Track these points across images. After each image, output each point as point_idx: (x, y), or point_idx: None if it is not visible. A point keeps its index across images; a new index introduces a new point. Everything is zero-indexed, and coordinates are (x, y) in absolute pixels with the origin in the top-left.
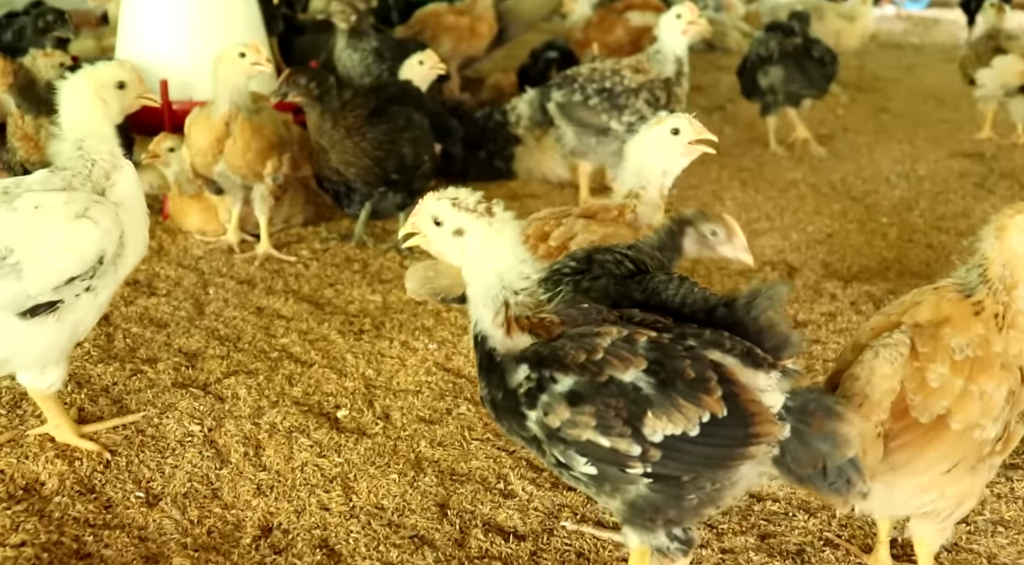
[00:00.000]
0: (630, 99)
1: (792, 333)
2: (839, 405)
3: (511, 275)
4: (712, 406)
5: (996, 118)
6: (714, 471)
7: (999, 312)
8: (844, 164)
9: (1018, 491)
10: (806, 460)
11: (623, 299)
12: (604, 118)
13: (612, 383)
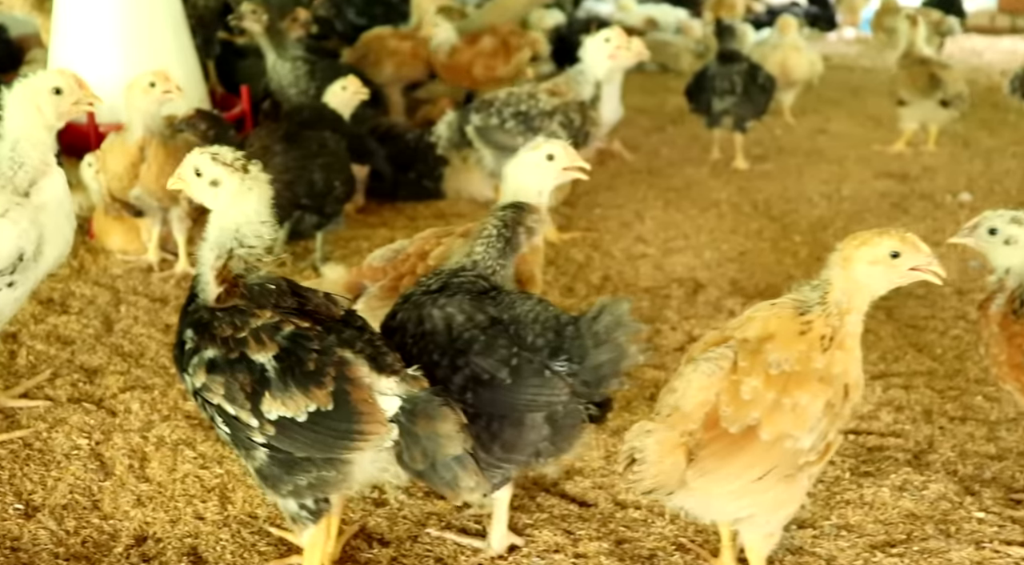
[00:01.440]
0: (544, 122)
1: (630, 347)
2: (444, 407)
3: (247, 229)
4: (320, 399)
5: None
6: (324, 456)
7: (827, 334)
8: (771, 184)
9: (867, 497)
10: (418, 457)
11: (477, 313)
12: (520, 141)
13: (243, 360)
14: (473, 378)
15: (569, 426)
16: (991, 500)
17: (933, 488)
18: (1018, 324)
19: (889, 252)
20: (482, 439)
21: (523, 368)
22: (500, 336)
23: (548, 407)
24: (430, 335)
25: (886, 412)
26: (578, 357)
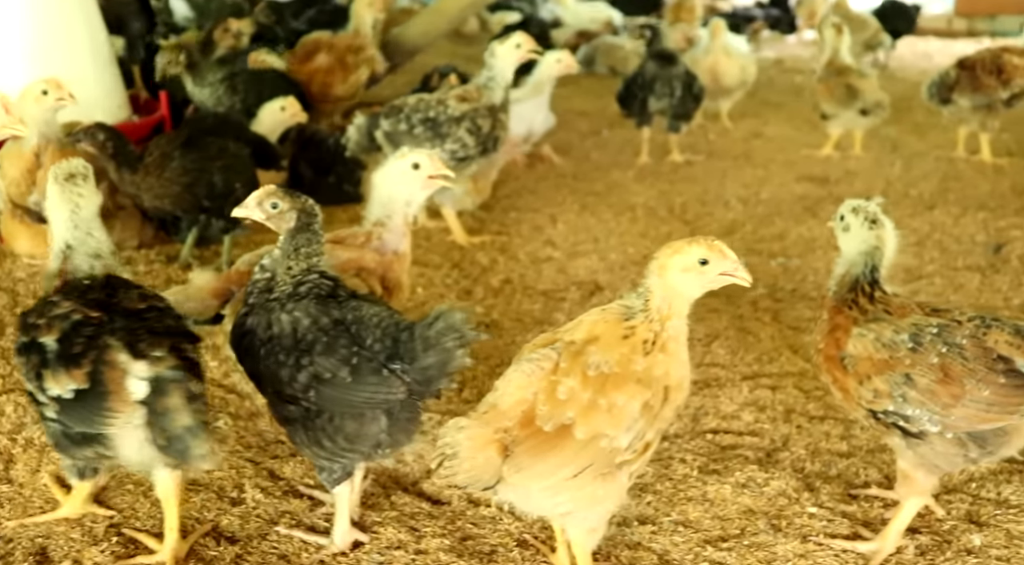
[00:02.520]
0: (452, 128)
1: (457, 352)
2: (173, 382)
3: (77, 233)
4: (78, 379)
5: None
6: (91, 431)
7: (649, 338)
8: (692, 188)
9: (709, 494)
10: (159, 433)
11: (322, 316)
12: (428, 147)
13: (34, 344)
14: (316, 376)
15: (406, 420)
16: (828, 496)
17: (774, 485)
18: (842, 315)
19: (698, 259)
20: (326, 432)
21: (362, 367)
22: (342, 337)
23: (386, 404)
24: (277, 338)
25: (748, 412)
26: (409, 359)
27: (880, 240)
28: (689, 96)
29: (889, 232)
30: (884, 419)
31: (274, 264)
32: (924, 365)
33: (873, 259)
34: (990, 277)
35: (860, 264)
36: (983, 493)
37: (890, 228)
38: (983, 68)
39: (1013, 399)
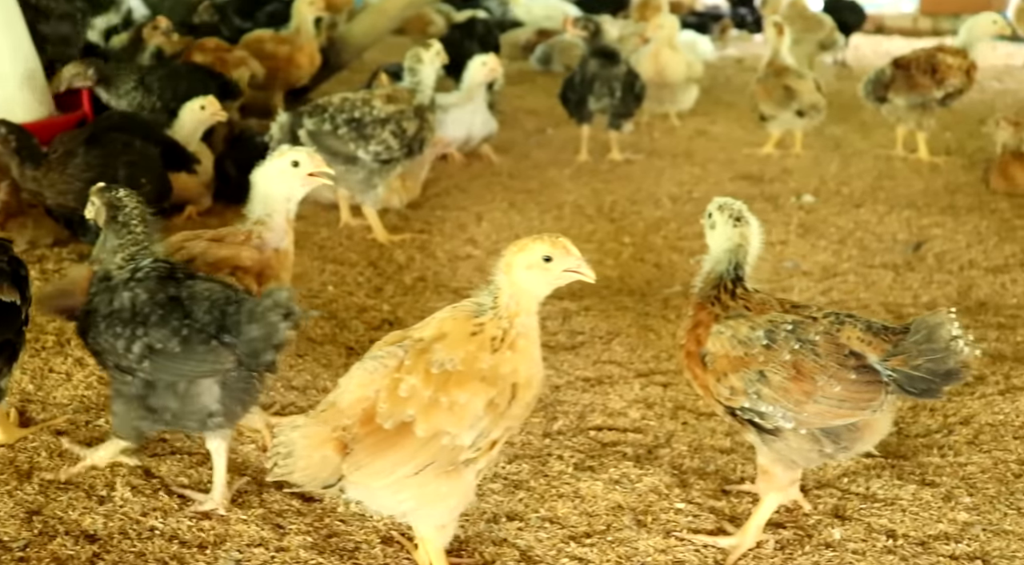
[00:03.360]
0: (376, 129)
1: (280, 325)
2: None
3: None
4: None
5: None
6: None
7: (497, 336)
8: (626, 187)
9: (581, 491)
10: None
11: (159, 292)
12: (352, 147)
13: None
14: (149, 347)
15: (240, 391)
16: (699, 492)
17: (647, 481)
18: (705, 312)
19: (542, 256)
20: (162, 400)
21: (192, 339)
22: (175, 311)
23: (214, 373)
24: (117, 312)
25: (636, 409)
26: (236, 332)
27: (744, 238)
28: (630, 95)
29: (754, 230)
30: (741, 416)
31: (102, 254)
32: (777, 362)
33: (737, 256)
34: (903, 275)
35: (724, 261)
36: (853, 487)
37: (755, 226)
38: (918, 67)
39: (864, 395)
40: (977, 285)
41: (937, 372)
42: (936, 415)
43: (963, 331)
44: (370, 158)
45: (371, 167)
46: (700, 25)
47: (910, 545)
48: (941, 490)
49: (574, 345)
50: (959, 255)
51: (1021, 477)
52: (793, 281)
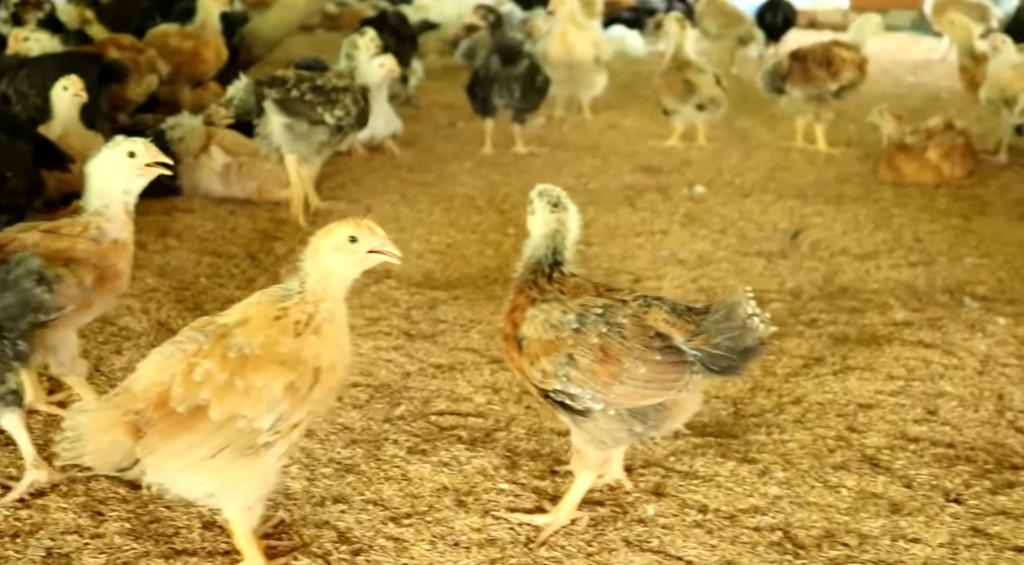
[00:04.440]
0: (340, 95)
1: (35, 290)
2: None
3: None
4: None
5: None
6: None
7: (301, 320)
8: (522, 179)
9: (410, 473)
10: None
11: None
12: (320, 111)
13: None
14: None
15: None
16: (527, 473)
17: (476, 463)
18: (523, 296)
19: (347, 238)
20: None
21: None
22: None
23: None
24: None
25: (482, 394)
26: None
27: (562, 223)
28: (532, 90)
29: (572, 216)
30: (553, 398)
31: None
32: (585, 345)
33: (554, 242)
34: (775, 262)
35: (543, 247)
36: (677, 466)
37: (573, 212)
38: (814, 60)
39: (669, 376)
40: (843, 271)
41: (735, 349)
42: (772, 395)
43: (759, 309)
44: (334, 122)
45: (331, 131)
46: (635, 20)
47: (719, 519)
48: (759, 466)
49: (434, 333)
50: (833, 243)
51: (835, 452)
52: (668, 269)
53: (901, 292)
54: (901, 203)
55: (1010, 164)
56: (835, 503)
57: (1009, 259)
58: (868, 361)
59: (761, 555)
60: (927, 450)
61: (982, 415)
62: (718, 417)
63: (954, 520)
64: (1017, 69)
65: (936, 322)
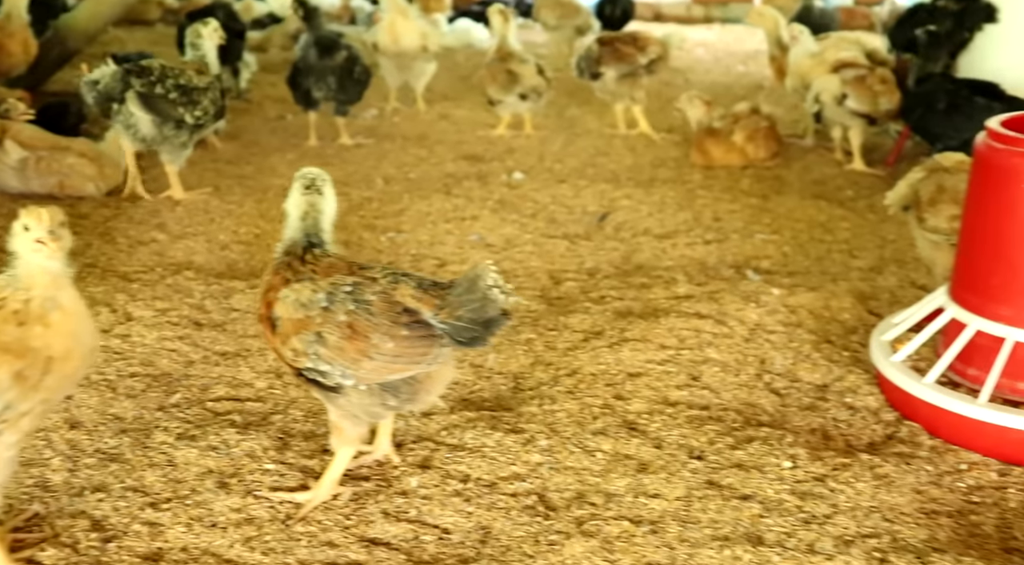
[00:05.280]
0: (200, 96)
1: None
2: None
3: None
4: None
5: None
6: None
7: (19, 308)
8: (343, 170)
9: (176, 458)
10: None
11: None
12: (180, 111)
13: None
14: None
15: None
16: (296, 452)
17: (245, 446)
18: (278, 277)
19: (22, 226)
20: None
21: None
22: None
23: None
24: None
25: (264, 379)
26: None
27: (312, 206)
28: (350, 81)
29: (326, 199)
30: (306, 376)
31: None
32: (333, 323)
33: (306, 223)
34: (577, 244)
35: (297, 228)
36: (448, 439)
37: (328, 194)
38: (620, 41)
39: (418, 349)
40: (641, 250)
41: (478, 321)
42: (550, 369)
43: (501, 281)
44: (192, 122)
45: (191, 130)
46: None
47: (479, 487)
48: (525, 436)
49: (224, 322)
50: (637, 223)
51: (598, 419)
52: (473, 252)
53: (691, 268)
54: (707, 185)
55: (815, 147)
56: (590, 466)
57: (796, 235)
58: (644, 333)
59: (514, 518)
60: (683, 413)
61: (742, 379)
62: (498, 392)
63: (693, 475)
64: (815, 58)
65: (715, 294)
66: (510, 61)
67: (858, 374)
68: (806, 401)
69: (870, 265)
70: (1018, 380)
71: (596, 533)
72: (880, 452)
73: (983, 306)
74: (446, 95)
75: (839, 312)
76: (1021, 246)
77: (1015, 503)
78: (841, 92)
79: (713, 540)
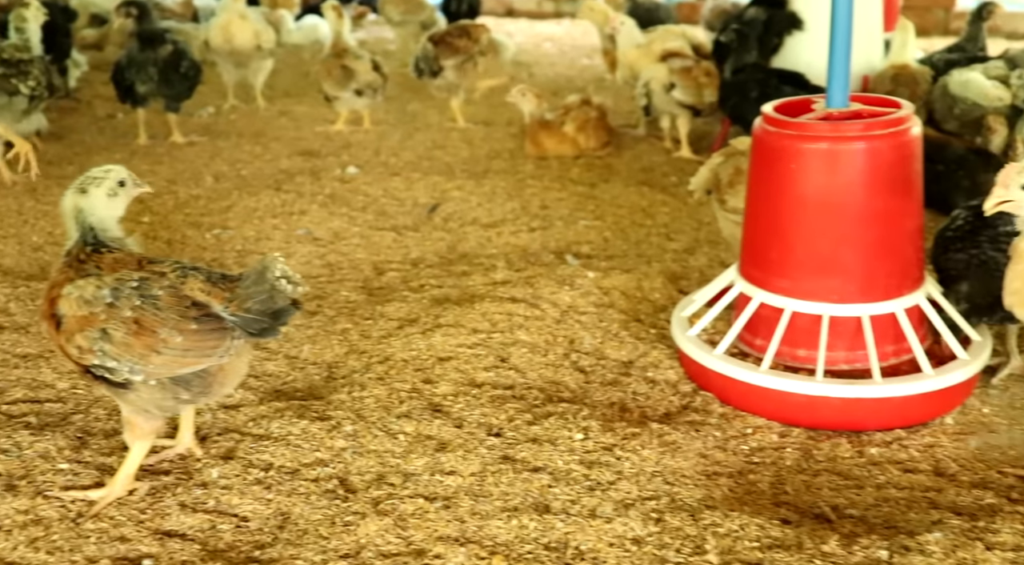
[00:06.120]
0: (29, 67)
1: None
2: None
3: None
4: None
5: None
6: None
7: None
8: (172, 168)
9: None
10: None
11: None
12: (15, 82)
13: None
14: None
15: None
16: (94, 451)
17: (39, 447)
18: (62, 274)
19: None
20: None
21: None
22: None
23: None
24: None
25: (66, 380)
26: None
27: (78, 206)
28: (177, 77)
29: (92, 197)
30: (93, 373)
31: None
32: (119, 319)
33: (81, 222)
34: (404, 235)
35: (76, 228)
36: (254, 430)
37: (96, 194)
38: (452, 35)
39: (208, 343)
40: (467, 239)
41: (267, 312)
42: (363, 357)
43: (289, 272)
44: (28, 93)
45: (27, 101)
46: None
47: (281, 474)
48: (331, 423)
49: (28, 324)
50: (466, 214)
51: (404, 403)
52: (300, 247)
53: (513, 255)
54: (538, 175)
55: (647, 137)
56: (392, 448)
57: (618, 220)
58: (457, 318)
59: (313, 503)
60: (487, 393)
61: (549, 358)
62: (311, 382)
63: (489, 451)
64: (642, 49)
65: (531, 279)
66: (345, 57)
67: (661, 350)
68: (609, 377)
69: (684, 247)
70: (798, 347)
71: (391, 512)
72: (672, 421)
73: (765, 280)
74: (288, 92)
75: (650, 292)
76: (793, 222)
77: (791, 461)
78: (669, 81)
79: (503, 511)
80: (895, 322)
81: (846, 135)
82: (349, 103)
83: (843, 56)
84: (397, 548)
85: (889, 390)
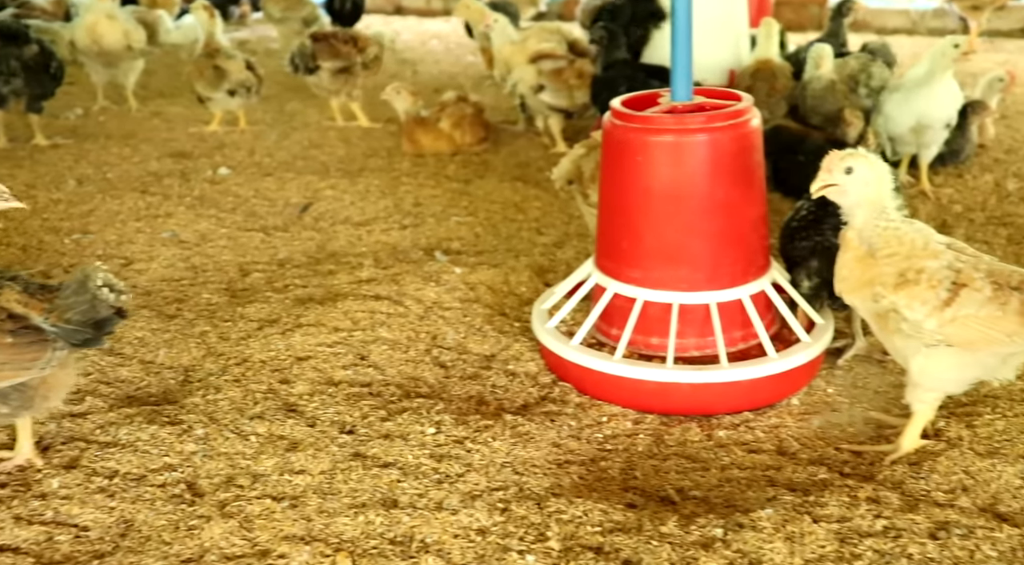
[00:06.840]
0: None
1: None
2: None
3: None
4: None
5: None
6: None
7: None
8: (33, 172)
9: None
10: None
11: None
12: None
13: None
14: None
15: None
16: None
17: None
18: None
19: None
20: None
21: None
22: None
23: None
24: None
25: None
26: None
27: None
28: (43, 76)
29: None
30: None
31: None
32: None
33: None
34: (273, 235)
35: None
36: (101, 437)
37: None
38: (337, 38)
39: (27, 355)
40: (337, 238)
41: (89, 322)
42: (220, 359)
43: (112, 280)
44: None
45: None
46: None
47: (126, 481)
48: (182, 427)
49: None
50: (338, 213)
51: (259, 404)
52: (163, 250)
53: (383, 253)
54: (414, 172)
55: (525, 132)
56: (243, 450)
57: (490, 216)
58: (319, 317)
59: (158, 509)
60: (343, 391)
61: (410, 355)
62: (166, 386)
63: (340, 449)
64: (515, 46)
65: (397, 277)
66: (217, 57)
67: (523, 343)
68: (470, 371)
69: (554, 241)
70: (650, 336)
71: (237, 513)
72: (529, 413)
73: (618, 270)
74: (162, 92)
75: (517, 286)
76: (642, 214)
77: (642, 447)
78: (538, 83)
79: (350, 508)
80: (742, 308)
81: (688, 127)
82: (223, 103)
83: (685, 51)
84: (241, 549)
85: (735, 374)
